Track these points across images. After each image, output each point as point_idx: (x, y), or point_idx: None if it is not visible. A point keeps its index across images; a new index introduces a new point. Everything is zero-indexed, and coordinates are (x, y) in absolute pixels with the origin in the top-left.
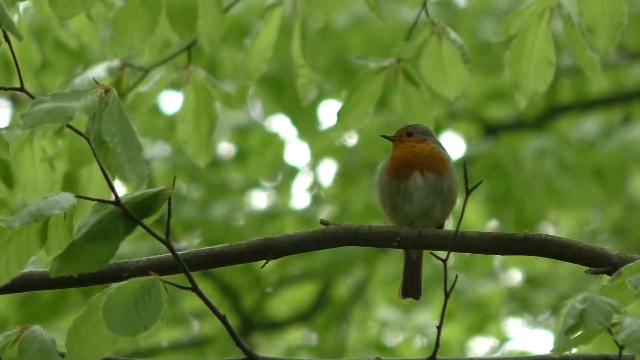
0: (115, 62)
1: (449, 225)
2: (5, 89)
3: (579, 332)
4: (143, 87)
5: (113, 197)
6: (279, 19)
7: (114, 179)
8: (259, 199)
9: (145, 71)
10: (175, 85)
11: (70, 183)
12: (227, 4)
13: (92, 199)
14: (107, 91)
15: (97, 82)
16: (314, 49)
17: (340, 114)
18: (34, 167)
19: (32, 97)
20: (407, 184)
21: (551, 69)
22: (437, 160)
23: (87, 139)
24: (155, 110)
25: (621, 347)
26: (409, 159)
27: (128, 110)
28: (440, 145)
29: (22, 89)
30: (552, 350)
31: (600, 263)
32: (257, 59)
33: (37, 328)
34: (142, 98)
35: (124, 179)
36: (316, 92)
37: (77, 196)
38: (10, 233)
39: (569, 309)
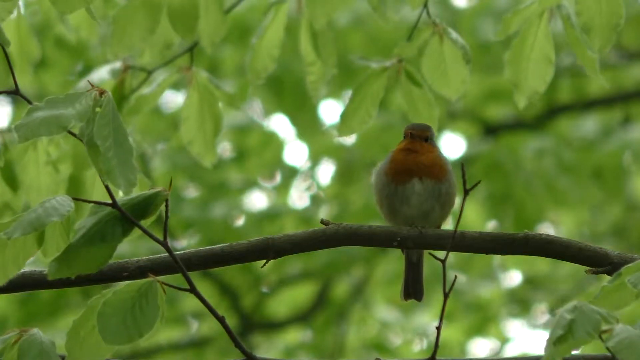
0: (118, 64)
1: (448, 224)
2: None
3: (568, 343)
4: (146, 90)
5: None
6: (285, 18)
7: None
8: (259, 199)
9: (149, 73)
10: (175, 85)
11: (75, 185)
12: (228, 4)
13: (89, 201)
14: (101, 94)
15: (92, 85)
16: (329, 45)
17: (343, 116)
18: (38, 170)
19: (27, 100)
20: (405, 188)
21: (551, 69)
22: (436, 168)
23: (83, 142)
24: (155, 110)
25: (612, 356)
26: (410, 166)
27: (131, 113)
28: (440, 151)
29: (16, 92)
30: None
31: (600, 263)
32: (265, 57)
33: (36, 331)
34: (145, 100)
35: (113, 184)
36: (326, 90)
37: (74, 199)
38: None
39: (557, 319)
